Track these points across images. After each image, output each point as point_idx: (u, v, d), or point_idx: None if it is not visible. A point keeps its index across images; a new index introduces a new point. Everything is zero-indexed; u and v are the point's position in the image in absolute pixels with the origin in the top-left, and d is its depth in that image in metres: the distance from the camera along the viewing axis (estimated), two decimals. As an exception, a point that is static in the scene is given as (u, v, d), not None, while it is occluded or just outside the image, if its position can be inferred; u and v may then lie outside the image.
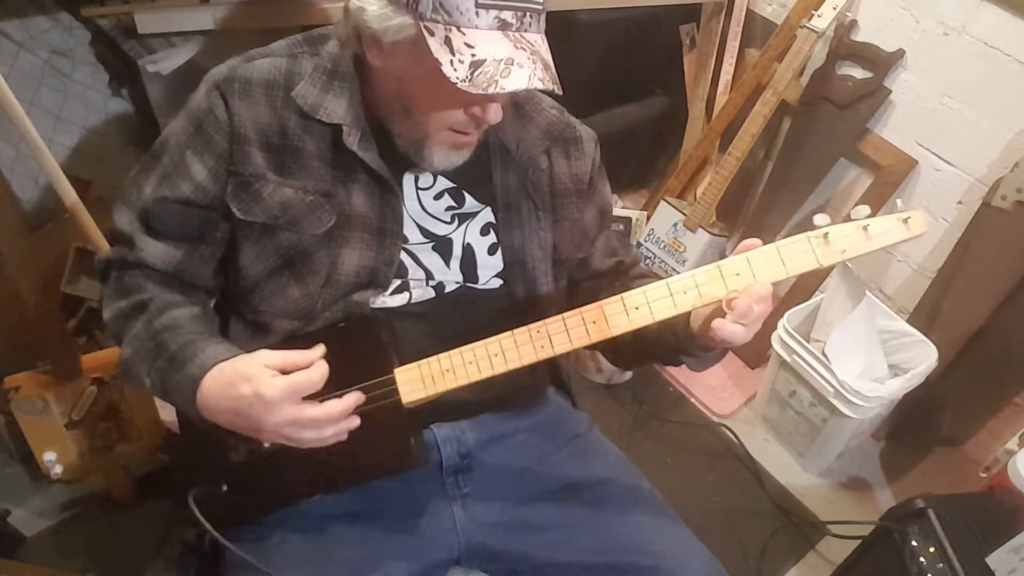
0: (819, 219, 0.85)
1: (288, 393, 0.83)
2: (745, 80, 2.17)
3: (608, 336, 0.88)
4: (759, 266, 0.85)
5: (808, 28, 1.93)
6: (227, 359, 0.88)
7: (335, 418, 0.86)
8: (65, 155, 1.80)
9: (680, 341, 0.94)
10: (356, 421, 0.88)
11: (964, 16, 1.77)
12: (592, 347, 1.14)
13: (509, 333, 0.89)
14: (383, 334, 0.94)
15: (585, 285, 1.12)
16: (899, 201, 0.87)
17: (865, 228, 0.84)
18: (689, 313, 0.90)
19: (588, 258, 1.13)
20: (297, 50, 0.98)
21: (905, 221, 0.85)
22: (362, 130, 0.95)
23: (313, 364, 0.85)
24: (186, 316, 0.96)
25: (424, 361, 0.91)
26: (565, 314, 0.89)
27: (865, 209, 0.85)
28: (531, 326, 0.89)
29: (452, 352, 0.90)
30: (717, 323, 0.84)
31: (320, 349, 0.87)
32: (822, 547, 1.80)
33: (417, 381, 0.91)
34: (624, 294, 0.88)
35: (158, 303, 0.97)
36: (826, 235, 0.84)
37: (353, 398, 0.87)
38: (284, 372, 0.85)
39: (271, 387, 0.83)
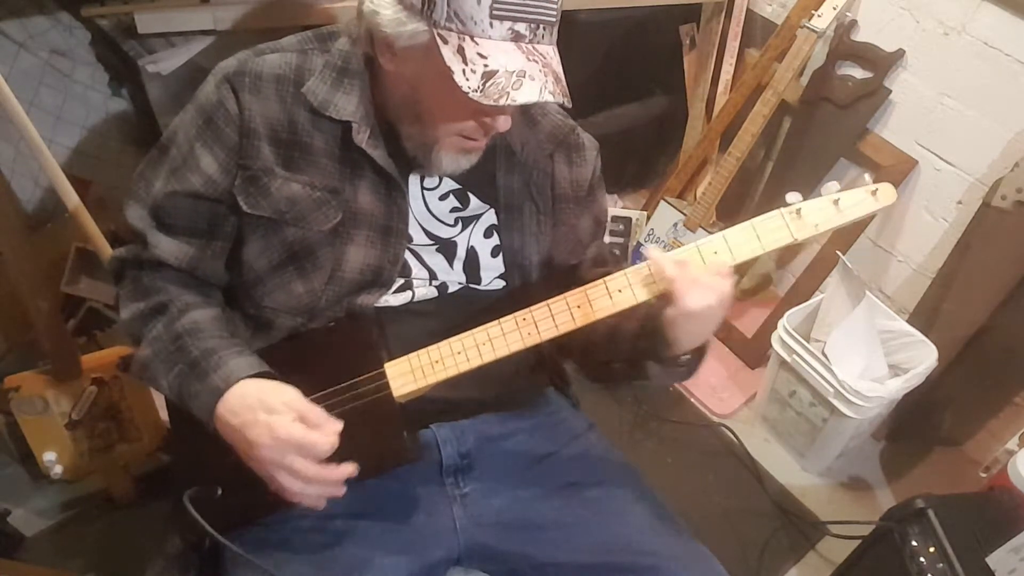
0: (791, 196, 0.89)
1: (297, 442, 0.84)
2: (745, 80, 2.17)
3: (593, 320, 0.90)
4: (736, 243, 0.88)
5: (808, 28, 1.93)
6: (252, 376, 0.89)
7: (323, 481, 0.86)
8: (65, 155, 1.79)
9: (653, 342, 0.94)
10: (341, 492, 0.88)
11: (964, 16, 1.77)
12: (565, 354, 1.13)
13: (496, 322, 0.91)
14: (373, 331, 0.95)
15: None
16: (867, 175, 0.89)
17: (836, 202, 0.88)
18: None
19: (577, 266, 1.13)
20: (307, 46, 0.98)
21: (873, 193, 0.88)
22: (371, 128, 0.96)
23: (330, 434, 0.85)
24: (207, 319, 0.97)
25: (414, 354, 0.92)
26: (550, 300, 0.90)
27: (835, 184, 0.89)
28: (517, 313, 0.91)
29: (441, 344, 0.91)
30: (669, 273, 0.85)
31: (339, 425, 0.86)
32: (822, 547, 1.79)
33: (408, 374, 0.91)
34: (606, 278, 0.90)
35: (178, 304, 0.97)
36: (799, 210, 0.88)
37: (349, 469, 0.87)
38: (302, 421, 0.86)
39: (284, 427, 0.84)
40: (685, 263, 0.86)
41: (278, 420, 0.84)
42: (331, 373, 0.92)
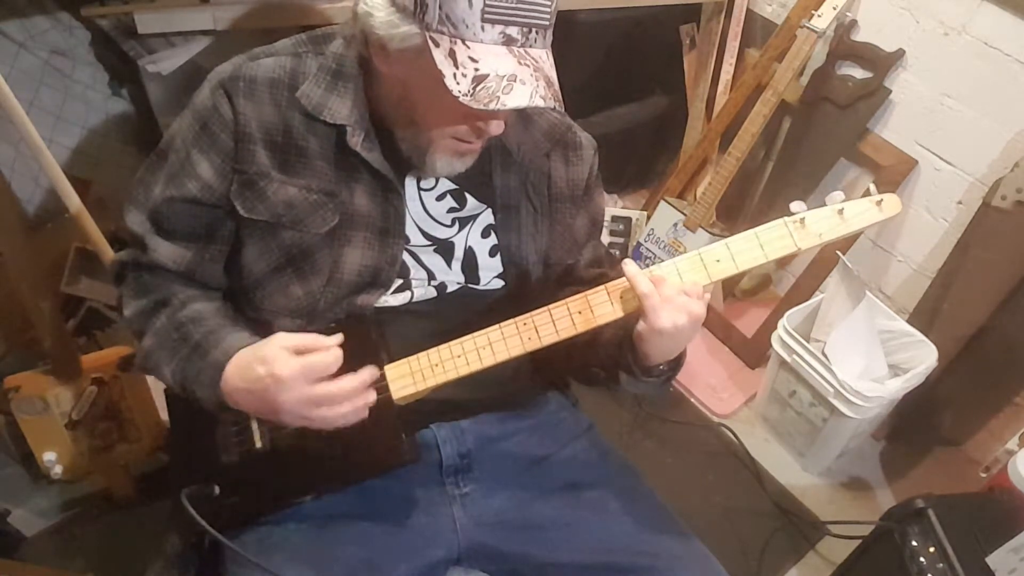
0: (795, 206, 0.88)
1: (301, 372, 0.83)
2: (745, 80, 2.17)
3: (594, 325, 0.90)
4: (739, 252, 0.88)
5: (808, 28, 1.93)
6: (248, 344, 0.89)
7: (349, 393, 0.85)
8: (65, 155, 1.80)
9: (625, 353, 0.94)
10: (372, 396, 0.87)
11: (964, 16, 1.77)
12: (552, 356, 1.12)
13: (497, 326, 0.90)
14: (373, 333, 0.95)
15: (567, 291, 1.12)
16: (871, 185, 0.89)
17: (840, 212, 0.87)
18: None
19: (573, 265, 1.13)
20: (302, 49, 0.98)
21: (878, 203, 0.88)
22: (366, 131, 0.96)
23: (329, 348, 0.85)
24: (209, 308, 0.98)
25: (413, 357, 0.92)
26: (551, 305, 0.90)
27: (840, 195, 0.88)
28: (518, 318, 0.90)
29: (441, 347, 0.91)
30: (643, 289, 0.85)
31: (337, 337, 0.87)
32: (822, 547, 1.80)
33: (407, 377, 0.91)
34: (607, 284, 0.90)
35: (180, 297, 0.98)
36: (803, 220, 0.87)
37: (368, 372, 0.87)
38: (300, 354, 0.85)
39: (285, 366, 0.83)
40: (661, 280, 0.87)
41: (275, 363, 0.84)
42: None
